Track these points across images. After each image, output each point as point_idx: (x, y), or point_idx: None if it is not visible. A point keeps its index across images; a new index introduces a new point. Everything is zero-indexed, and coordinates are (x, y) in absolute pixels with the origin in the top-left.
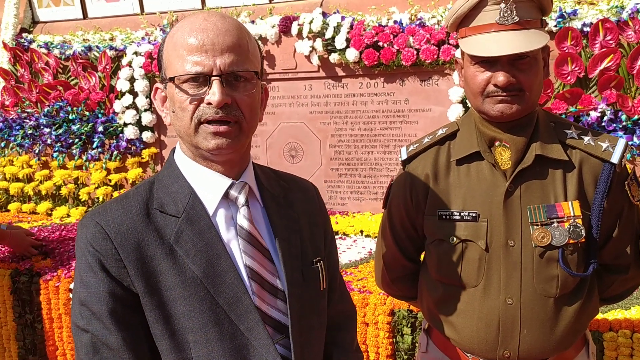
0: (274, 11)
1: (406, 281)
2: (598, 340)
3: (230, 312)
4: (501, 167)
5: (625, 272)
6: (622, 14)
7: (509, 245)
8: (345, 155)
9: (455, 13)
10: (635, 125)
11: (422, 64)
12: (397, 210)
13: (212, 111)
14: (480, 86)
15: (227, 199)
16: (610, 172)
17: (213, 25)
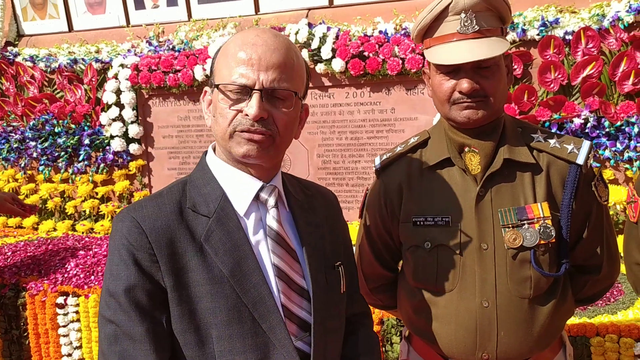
0: (260, 22)
1: (385, 290)
2: (585, 345)
3: (254, 311)
4: (471, 172)
5: (597, 272)
6: (603, 22)
7: (482, 248)
8: (333, 164)
9: (418, 25)
10: (618, 132)
11: (407, 73)
12: (373, 219)
13: (248, 122)
14: (446, 94)
15: (257, 200)
16: (576, 174)
17: (263, 41)
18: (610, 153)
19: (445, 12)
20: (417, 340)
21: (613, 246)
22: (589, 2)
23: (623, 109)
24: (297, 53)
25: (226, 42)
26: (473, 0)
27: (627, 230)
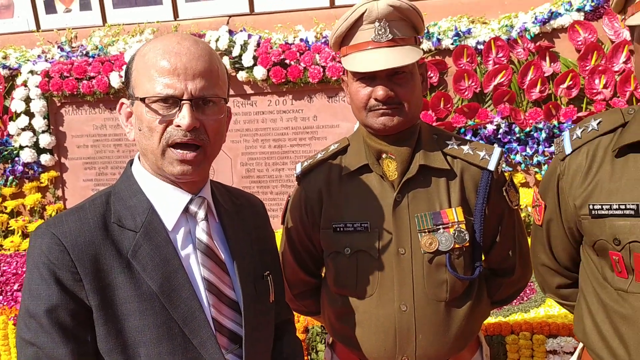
0: (180, 28)
1: (308, 296)
2: (501, 343)
3: (184, 326)
4: (389, 178)
5: (511, 274)
6: (511, 32)
7: (400, 253)
8: (257, 173)
9: (335, 33)
10: (528, 137)
11: (328, 81)
12: (295, 226)
13: (180, 133)
14: (363, 101)
15: (186, 213)
16: (488, 179)
17: (187, 49)
18: (521, 157)
19: (360, 21)
20: (340, 346)
21: (525, 249)
22: (498, 13)
23: (531, 115)
24: (218, 58)
25: (142, 50)
26: (386, 10)
27: (533, 232)
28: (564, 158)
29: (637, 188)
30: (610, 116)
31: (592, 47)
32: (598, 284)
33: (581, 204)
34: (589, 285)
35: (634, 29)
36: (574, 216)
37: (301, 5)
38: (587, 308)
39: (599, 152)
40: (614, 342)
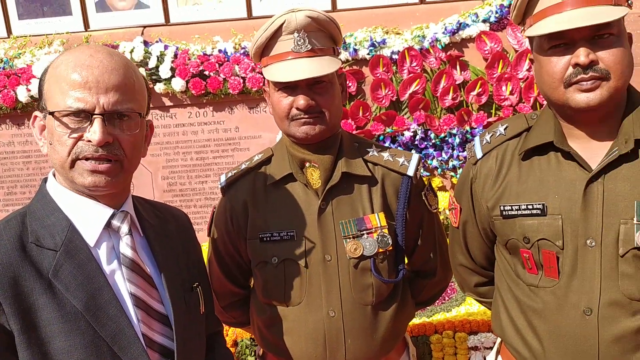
0: (91, 40)
1: (237, 307)
2: (426, 343)
3: (113, 344)
4: (313, 187)
5: (433, 276)
6: (424, 42)
7: (326, 260)
8: (179, 186)
9: (255, 44)
10: (443, 143)
11: (249, 92)
12: (221, 237)
13: (91, 149)
14: (285, 110)
15: (108, 228)
16: (408, 184)
17: (99, 62)
18: (437, 162)
19: (279, 32)
20: (270, 357)
21: (445, 251)
22: (410, 24)
23: (445, 121)
24: (135, 71)
25: (55, 62)
26: (304, 21)
27: (451, 234)
28: (475, 162)
29: (542, 189)
30: (515, 121)
31: (498, 56)
32: (512, 281)
33: (493, 206)
34: (504, 282)
35: (532, 39)
36: (487, 217)
37: (218, 16)
38: (503, 304)
39: (507, 156)
40: (528, 335)
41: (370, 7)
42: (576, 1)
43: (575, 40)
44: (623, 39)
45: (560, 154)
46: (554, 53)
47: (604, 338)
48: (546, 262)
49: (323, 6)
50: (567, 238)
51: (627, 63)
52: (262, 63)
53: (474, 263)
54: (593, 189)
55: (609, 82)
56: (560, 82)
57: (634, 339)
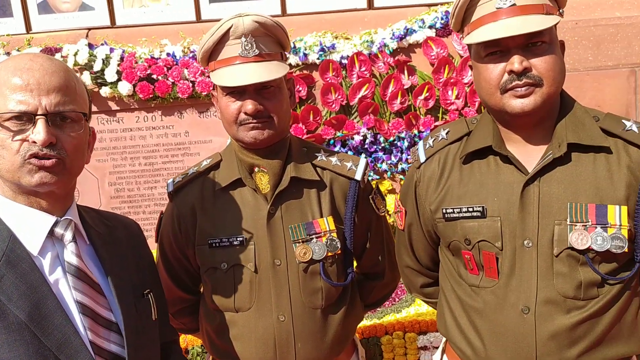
0: (33, 42)
1: (188, 314)
2: (377, 344)
3: (59, 354)
4: (262, 191)
5: (381, 278)
6: (372, 47)
7: (275, 264)
8: (127, 192)
9: (202, 48)
10: (392, 146)
11: (199, 96)
12: (169, 243)
13: (36, 148)
14: (233, 115)
15: (52, 237)
16: (356, 188)
17: (39, 65)
18: (387, 166)
19: (227, 36)
20: None
21: (393, 253)
22: (359, 29)
23: (394, 125)
24: (75, 76)
25: None
26: (251, 26)
27: (397, 237)
28: (419, 166)
29: (482, 192)
30: (456, 126)
31: (444, 62)
32: (455, 282)
33: (436, 208)
34: (447, 283)
35: (471, 46)
36: (431, 220)
37: (166, 19)
38: (447, 304)
39: (448, 160)
40: (471, 334)
41: (320, 12)
42: (510, 10)
43: (509, 48)
44: (555, 47)
45: (499, 158)
46: (490, 60)
47: (541, 335)
48: (486, 263)
49: (273, 10)
50: (505, 239)
51: (558, 70)
52: (210, 67)
53: (419, 264)
54: (529, 192)
55: (542, 88)
56: (496, 89)
57: (569, 336)
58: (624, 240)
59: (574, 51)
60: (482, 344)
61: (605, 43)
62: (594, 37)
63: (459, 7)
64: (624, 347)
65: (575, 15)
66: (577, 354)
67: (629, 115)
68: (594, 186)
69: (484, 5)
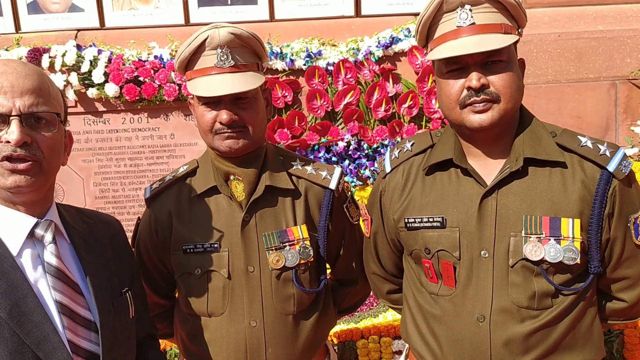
0: (22, 42)
1: (163, 318)
2: (352, 348)
3: (38, 351)
4: (237, 199)
5: (354, 284)
6: (358, 55)
7: (249, 271)
8: (112, 193)
9: (179, 58)
10: (375, 153)
11: (185, 99)
12: (145, 249)
13: (10, 149)
14: (209, 124)
15: (32, 238)
16: (330, 197)
17: (13, 69)
18: (370, 172)
19: (203, 47)
20: None
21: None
22: (346, 36)
23: (378, 132)
24: (49, 79)
25: None
26: (227, 37)
27: (365, 244)
28: (384, 176)
29: (442, 203)
30: (421, 138)
31: (428, 70)
32: (416, 289)
33: (399, 218)
34: (410, 290)
35: (434, 62)
36: (394, 229)
37: (155, 22)
38: (409, 311)
39: (412, 171)
40: (430, 340)
41: (307, 18)
42: (470, 29)
43: (469, 65)
44: (513, 65)
45: (459, 170)
46: (451, 76)
47: (495, 342)
48: (445, 272)
49: (261, 16)
50: (463, 249)
51: (516, 87)
52: (187, 77)
53: (385, 271)
54: (487, 204)
55: (500, 105)
56: (456, 104)
57: (522, 344)
58: (577, 252)
59: (557, 63)
60: (440, 350)
61: (587, 56)
62: (576, 50)
63: (422, 24)
64: (579, 356)
65: (558, 27)
66: None
67: (608, 126)
68: (548, 199)
69: (445, 23)
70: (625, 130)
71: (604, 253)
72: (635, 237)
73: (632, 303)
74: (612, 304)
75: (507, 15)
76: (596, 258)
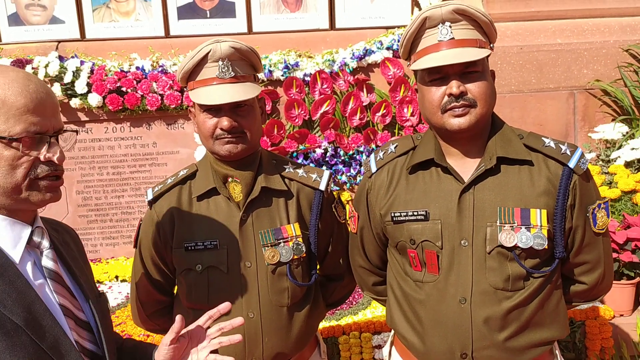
0: (3, 53)
1: (162, 314)
2: (335, 344)
3: (54, 354)
4: (235, 200)
5: (341, 279)
6: (334, 66)
7: (246, 266)
8: (95, 201)
9: (182, 69)
10: (351, 159)
11: (167, 109)
12: (147, 248)
13: (46, 168)
14: (210, 130)
15: (28, 245)
16: (320, 198)
17: (41, 87)
18: (346, 177)
19: (205, 59)
20: None
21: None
22: (322, 48)
23: (354, 140)
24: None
25: None
26: (228, 51)
27: (351, 240)
28: (370, 176)
29: (425, 198)
30: (403, 141)
31: (400, 81)
32: (401, 278)
33: (385, 213)
34: (395, 279)
35: (416, 72)
36: (380, 223)
37: (135, 34)
38: (395, 299)
39: (396, 170)
40: (414, 321)
41: (284, 31)
42: (449, 43)
43: (449, 74)
44: (487, 75)
45: (440, 169)
46: (433, 84)
47: (476, 321)
48: (428, 260)
49: (239, 28)
50: (445, 239)
51: (490, 94)
52: (189, 87)
53: (370, 264)
54: (465, 198)
55: (476, 109)
56: (437, 109)
57: (499, 322)
58: (544, 239)
59: (519, 74)
60: (422, 328)
61: (547, 67)
62: (537, 62)
63: (407, 39)
64: (547, 333)
65: (520, 41)
66: (505, 338)
67: (568, 133)
68: (519, 193)
69: (427, 37)
70: (583, 136)
71: (567, 240)
72: (594, 225)
73: (591, 285)
74: (574, 286)
75: (481, 32)
76: (561, 244)
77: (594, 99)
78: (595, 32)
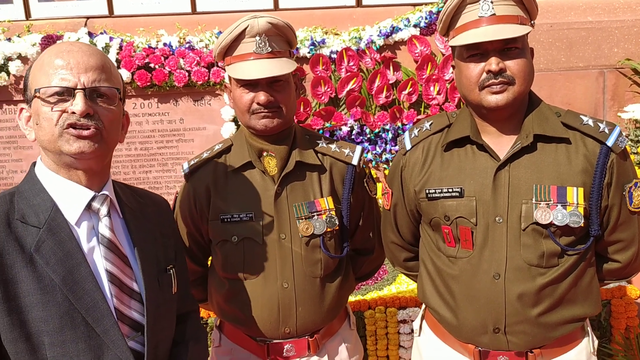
0: (33, 29)
1: (197, 285)
2: (360, 318)
3: (87, 316)
4: (270, 174)
5: (371, 253)
6: (360, 43)
7: (281, 238)
8: (123, 176)
9: (220, 45)
10: (377, 137)
11: (194, 85)
12: (184, 220)
13: (74, 118)
14: (246, 105)
15: (89, 210)
16: (353, 172)
17: (78, 48)
18: (372, 155)
19: (243, 35)
20: (228, 326)
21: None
22: (348, 25)
23: (380, 118)
24: (110, 60)
25: (38, 58)
26: (265, 26)
27: (383, 216)
28: (405, 153)
29: (460, 175)
30: (438, 119)
31: (427, 59)
32: (434, 254)
33: (420, 189)
34: (427, 255)
35: (454, 48)
36: (414, 200)
37: (163, 10)
38: (427, 274)
39: (431, 148)
40: (447, 296)
41: (311, 7)
42: (490, 19)
43: (488, 51)
44: (526, 52)
45: (475, 146)
46: (472, 61)
47: (509, 296)
48: (462, 236)
49: (265, 5)
50: (479, 216)
51: (528, 72)
52: (226, 62)
53: (402, 240)
54: (501, 175)
55: (514, 87)
56: (475, 85)
57: (533, 298)
58: (580, 217)
59: (548, 52)
60: (455, 302)
61: (577, 45)
62: (567, 40)
63: (447, 14)
64: (579, 310)
65: (550, 18)
66: (538, 313)
67: (597, 112)
68: (555, 171)
69: (468, 13)
70: (612, 116)
71: (602, 218)
72: (630, 204)
73: (625, 263)
74: (608, 265)
75: (522, 8)
76: (596, 222)
77: (624, 78)
78: (627, 10)
